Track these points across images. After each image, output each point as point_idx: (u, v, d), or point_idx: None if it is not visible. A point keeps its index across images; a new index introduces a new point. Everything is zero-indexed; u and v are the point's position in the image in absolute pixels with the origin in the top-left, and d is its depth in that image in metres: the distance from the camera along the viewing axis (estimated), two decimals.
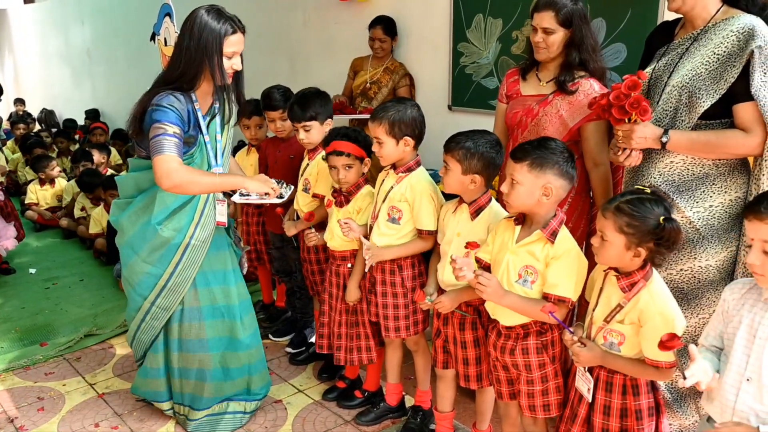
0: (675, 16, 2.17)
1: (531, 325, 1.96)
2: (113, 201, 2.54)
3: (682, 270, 2.08)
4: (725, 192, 2.04)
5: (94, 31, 8.54)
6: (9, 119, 9.32)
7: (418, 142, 2.34)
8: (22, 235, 4.71)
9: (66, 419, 2.76)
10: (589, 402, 1.81)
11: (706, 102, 1.98)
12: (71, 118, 8.51)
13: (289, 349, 3.25)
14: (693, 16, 2.04)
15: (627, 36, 3.15)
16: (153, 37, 3.45)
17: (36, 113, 9.86)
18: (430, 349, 2.51)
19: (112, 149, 6.42)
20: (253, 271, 3.61)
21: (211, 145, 2.40)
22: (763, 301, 1.55)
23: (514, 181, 1.89)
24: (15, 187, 6.63)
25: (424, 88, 4.16)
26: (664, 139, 1.98)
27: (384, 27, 4.04)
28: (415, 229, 2.34)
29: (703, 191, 2.05)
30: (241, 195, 2.51)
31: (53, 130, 8.46)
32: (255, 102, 3.22)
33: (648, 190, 1.72)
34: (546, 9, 2.27)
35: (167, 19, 3.31)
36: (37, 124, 9.28)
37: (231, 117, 2.48)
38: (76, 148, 6.90)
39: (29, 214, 5.64)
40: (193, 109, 2.31)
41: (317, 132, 2.73)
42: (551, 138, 1.96)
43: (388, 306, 2.42)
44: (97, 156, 5.75)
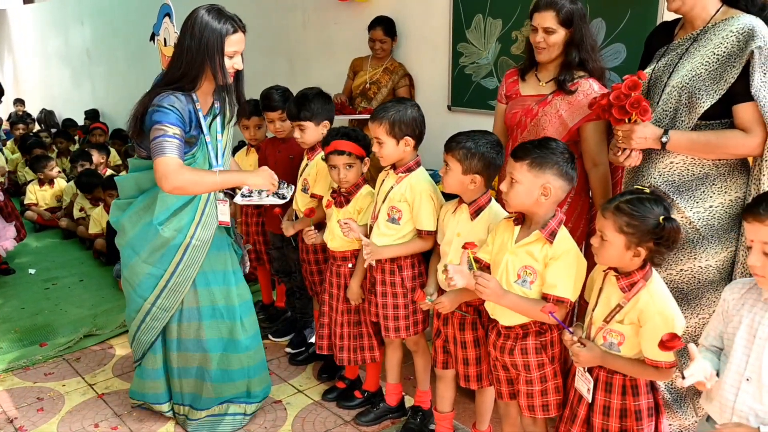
0: (674, 17, 2.17)
1: (530, 325, 1.96)
2: (113, 201, 2.54)
3: (682, 270, 2.08)
4: (725, 192, 2.04)
5: (93, 32, 8.54)
6: (8, 119, 9.31)
7: (419, 142, 2.34)
8: (24, 235, 4.70)
9: (65, 420, 2.76)
10: (589, 402, 1.81)
11: (706, 102, 1.98)
12: (70, 118, 8.51)
13: (288, 350, 3.26)
14: (693, 16, 2.04)
15: (626, 36, 3.15)
16: (152, 38, 3.45)
17: (35, 113, 9.85)
18: (429, 350, 2.51)
19: (112, 149, 6.42)
20: (252, 272, 3.61)
21: (212, 145, 2.39)
22: (763, 301, 1.55)
23: (514, 180, 1.89)
24: (14, 188, 6.63)
25: (423, 88, 4.16)
26: (664, 139, 1.99)
27: (384, 28, 4.03)
28: (414, 230, 2.34)
29: (703, 191, 2.05)
30: (243, 196, 2.50)
31: (53, 130, 8.45)
32: (254, 102, 3.22)
33: (647, 190, 1.72)
34: (547, 9, 2.27)
35: (167, 19, 3.30)
36: (36, 124, 9.28)
37: (232, 117, 2.48)
38: (75, 148, 6.91)
39: (29, 214, 5.64)
40: (194, 109, 2.30)
41: (312, 132, 2.74)
42: (552, 138, 1.96)
43: (387, 306, 2.42)
44: (96, 156, 5.75)
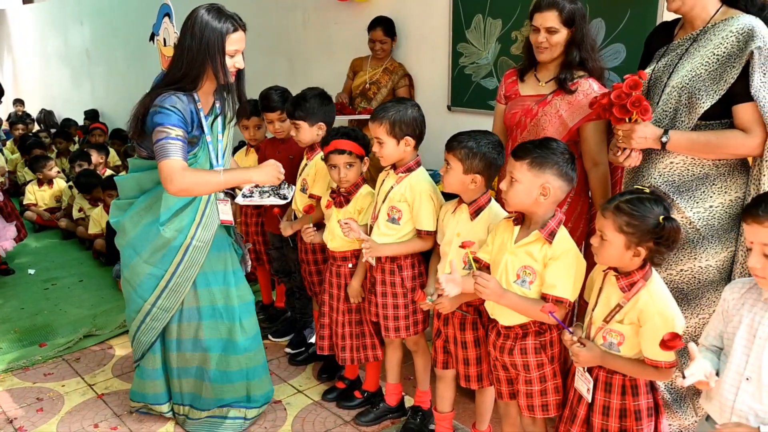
0: (674, 17, 2.17)
1: (530, 325, 1.96)
2: (112, 202, 2.53)
3: (682, 270, 2.08)
4: (725, 192, 2.04)
5: (93, 32, 8.53)
6: (8, 119, 9.30)
7: (419, 142, 2.34)
8: (24, 235, 4.69)
9: (65, 420, 2.76)
10: (589, 402, 1.81)
11: (706, 103, 1.98)
12: (69, 118, 8.50)
13: (288, 350, 3.25)
14: (692, 16, 2.04)
15: (626, 36, 3.15)
16: (152, 38, 3.45)
17: (35, 114, 9.85)
18: (429, 350, 2.51)
19: (111, 150, 6.42)
20: (252, 272, 3.60)
21: (213, 146, 2.39)
22: (763, 301, 1.55)
23: (513, 179, 1.89)
24: (14, 188, 6.62)
25: (423, 88, 4.16)
26: (664, 139, 1.98)
27: (384, 28, 4.03)
28: (414, 230, 2.34)
29: (703, 191, 2.05)
30: (244, 196, 2.50)
31: (52, 130, 8.45)
32: (254, 102, 3.22)
33: (647, 190, 1.72)
34: (549, 9, 2.27)
35: (166, 19, 3.30)
36: (36, 124, 9.28)
37: (233, 116, 2.48)
38: (75, 148, 6.90)
39: (28, 214, 5.63)
40: (195, 109, 2.30)
41: (306, 132, 2.75)
42: (553, 139, 1.96)
43: (387, 306, 2.42)
44: (95, 156, 5.75)
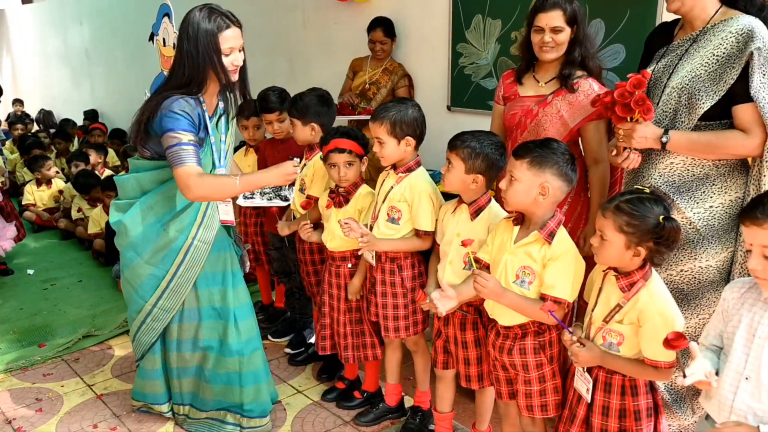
0: (673, 17, 2.17)
1: (529, 325, 1.96)
2: (112, 202, 2.51)
3: (682, 271, 2.08)
4: (725, 192, 2.04)
5: (92, 32, 8.53)
6: (7, 119, 9.30)
7: (419, 142, 2.34)
8: (23, 235, 4.69)
9: (64, 420, 2.76)
10: (588, 402, 1.81)
11: (706, 103, 1.98)
12: (67, 118, 8.50)
13: (288, 350, 3.25)
14: (692, 17, 2.04)
15: (626, 37, 3.15)
16: (151, 38, 3.45)
17: (34, 114, 9.84)
18: (429, 350, 2.51)
19: (110, 150, 6.42)
20: (251, 272, 3.60)
21: (216, 147, 2.38)
22: (762, 301, 1.55)
23: (513, 178, 1.89)
24: (13, 188, 6.61)
25: (423, 88, 4.16)
26: (664, 139, 1.99)
27: (384, 29, 4.03)
28: (414, 229, 2.34)
29: (704, 192, 2.05)
30: (245, 198, 2.49)
31: (51, 130, 8.45)
32: (253, 103, 3.22)
33: (647, 191, 1.72)
34: (554, 8, 2.29)
35: (166, 19, 3.30)
36: (35, 124, 9.27)
37: (235, 114, 2.48)
38: (75, 148, 6.90)
39: (27, 214, 5.63)
40: (202, 111, 2.29)
41: (299, 131, 2.79)
42: (554, 139, 1.96)
43: (387, 306, 2.42)
44: (93, 156, 5.75)
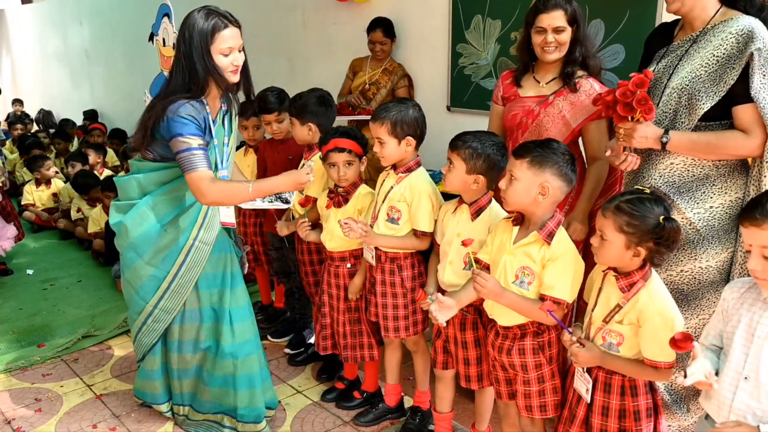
0: (673, 18, 2.17)
1: (528, 325, 1.96)
2: (112, 203, 2.50)
3: (682, 271, 2.08)
4: (725, 193, 2.04)
5: (92, 32, 8.53)
6: (6, 119, 9.30)
7: (420, 142, 2.34)
8: (22, 235, 4.69)
9: (64, 421, 2.75)
10: (588, 403, 1.81)
11: (706, 104, 1.98)
12: (67, 118, 8.50)
13: (287, 350, 3.25)
14: (692, 17, 2.04)
15: (625, 37, 3.15)
16: (151, 38, 3.45)
17: (34, 114, 9.84)
18: (429, 350, 2.51)
19: (109, 149, 6.41)
20: (251, 272, 3.61)
21: (219, 149, 2.38)
22: (762, 301, 1.55)
23: (513, 177, 1.89)
24: (12, 188, 6.61)
25: (423, 88, 4.16)
26: (664, 139, 1.98)
27: (384, 29, 4.03)
28: (412, 229, 2.34)
29: (704, 192, 2.05)
30: None
31: (51, 130, 8.44)
32: (254, 103, 3.21)
33: (648, 191, 1.72)
34: (556, 9, 2.30)
35: (165, 19, 3.30)
36: (34, 124, 9.27)
37: (236, 114, 2.48)
38: (74, 148, 6.90)
39: (26, 214, 5.63)
40: (206, 114, 2.29)
41: (297, 130, 2.79)
42: (555, 140, 1.96)
43: (387, 306, 2.42)
44: (92, 156, 5.75)
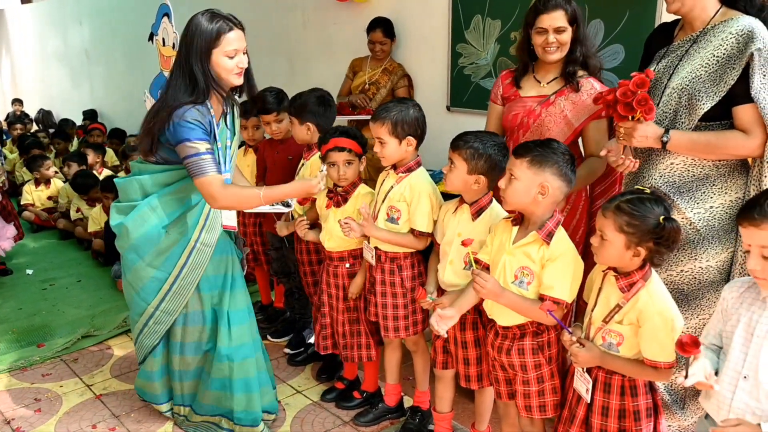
0: (673, 18, 2.17)
1: (527, 325, 1.96)
2: (112, 204, 2.49)
3: (682, 271, 2.08)
4: (726, 193, 2.04)
5: (92, 32, 8.53)
6: (6, 119, 9.30)
7: (420, 142, 2.34)
8: (22, 234, 4.68)
9: (63, 421, 2.75)
10: (588, 403, 1.81)
11: (706, 104, 1.98)
12: (66, 118, 8.49)
13: (287, 350, 3.25)
14: (692, 17, 2.04)
15: (625, 37, 3.15)
16: (151, 38, 3.45)
17: (34, 114, 9.84)
18: (429, 350, 2.51)
19: (109, 149, 6.40)
20: (251, 272, 3.61)
21: (222, 152, 2.37)
22: (761, 300, 1.55)
23: (512, 177, 1.89)
24: (12, 188, 6.61)
25: (422, 88, 4.16)
26: (664, 138, 1.98)
27: (383, 29, 4.03)
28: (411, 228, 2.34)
29: (704, 192, 2.05)
30: None
31: (51, 130, 8.44)
32: (252, 103, 3.21)
33: (648, 191, 1.72)
34: (556, 9, 2.30)
35: (165, 19, 3.30)
36: (34, 124, 9.27)
37: (238, 115, 2.48)
38: (74, 148, 6.90)
39: (26, 214, 5.62)
40: (211, 118, 2.28)
41: (296, 129, 2.79)
42: (555, 140, 1.96)
43: (387, 306, 2.42)
44: (91, 156, 5.75)
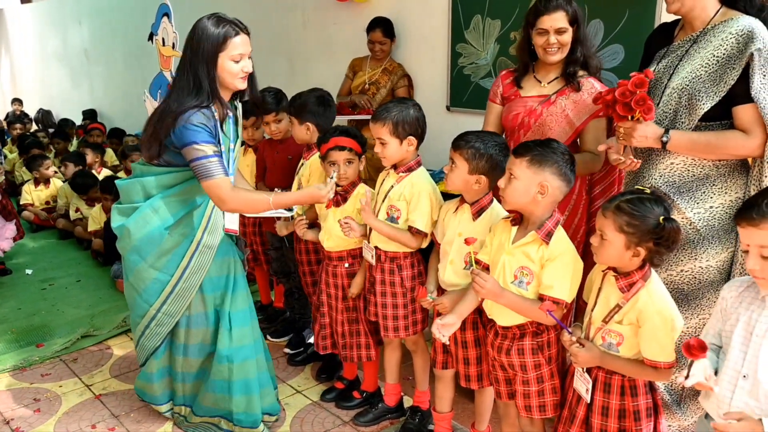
0: (673, 18, 2.17)
1: (527, 325, 1.96)
2: (113, 206, 2.49)
3: (682, 271, 2.08)
4: (726, 193, 2.04)
5: (91, 32, 8.53)
6: (6, 119, 9.30)
7: (420, 141, 2.34)
8: (22, 234, 4.68)
9: (62, 421, 2.75)
10: (588, 403, 1.81)
11: (706, 104, 1.98)
12: (66, 118, 8.49)
13: (287, 350, 3.25)
14: (692, 17, 2.04)
15: (625, 37, 3.15)
16: (151, 37, 3.45)
17: (33, 113, 9.83)
18: (428, 350, 2.51)
19: (108, 149, 6.40)
20: (250, 272, 3.60)
21: (225, 155, 2.37)
22: (760, 299, 1.55)
23: (512, 176, 1.89)
24: (11, 188, 6.61)
25: (422, 88, 4.16)
26: (664, 138, 1.98)
27: (383, 29, 4.03)
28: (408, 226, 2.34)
29: (704, 192, 2.05)
30: None
31: (50, 130, 8.44)
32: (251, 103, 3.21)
33: (648, 191, 1.72)
34: (557, 10, 2.30)
35: (165, 19, 3.29)
36: (34, 124, 9.27)
37: (240, 121, 2.48)
38: (73, 148, 6.89)
39: (25, 214, 5.62)
40: (215, 122, 2.28)
41: (295, 129, 2.79)
42: (555, 140, 1.96)
43: (387, 306, 2.42)
44: (90, 156, 5.74)
